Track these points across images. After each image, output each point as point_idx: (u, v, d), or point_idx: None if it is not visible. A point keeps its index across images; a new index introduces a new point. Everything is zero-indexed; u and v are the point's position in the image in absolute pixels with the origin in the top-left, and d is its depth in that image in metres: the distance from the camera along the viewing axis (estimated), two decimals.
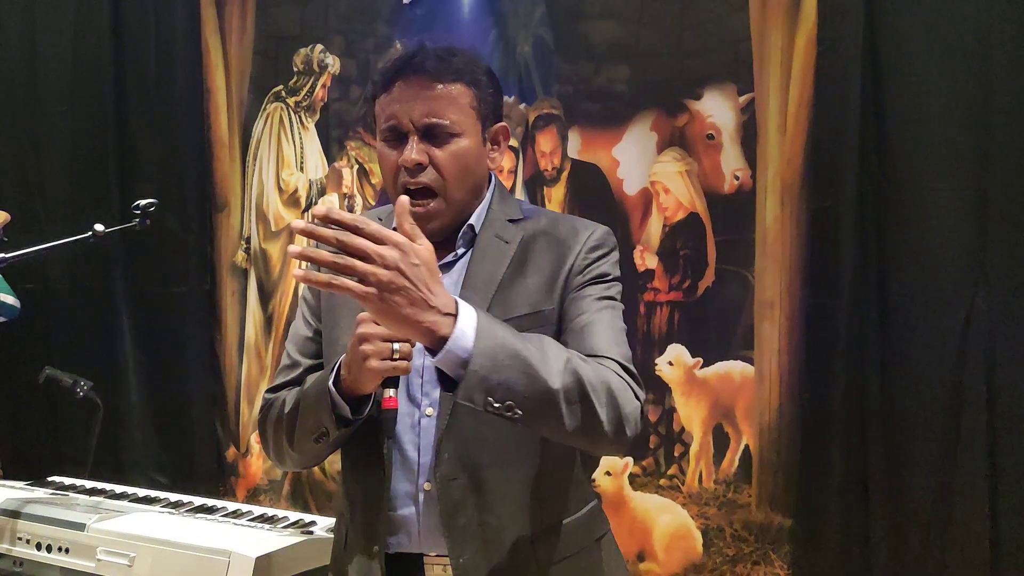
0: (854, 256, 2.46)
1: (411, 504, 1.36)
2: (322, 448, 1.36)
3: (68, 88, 3.56)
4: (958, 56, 2.34)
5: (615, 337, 1.34)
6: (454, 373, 1.14)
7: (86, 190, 3.52)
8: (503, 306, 1.35)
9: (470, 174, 1.38)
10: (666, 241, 2.75)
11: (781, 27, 2.57)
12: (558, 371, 1.18)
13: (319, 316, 1.46)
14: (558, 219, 1.47)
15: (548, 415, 1.19)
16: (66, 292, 3.58)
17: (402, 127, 1.34)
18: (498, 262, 1.38)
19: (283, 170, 3.36)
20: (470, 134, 1.36)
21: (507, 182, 2.95)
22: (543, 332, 1.30)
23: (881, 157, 2.43)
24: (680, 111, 2.71)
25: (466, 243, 1.41)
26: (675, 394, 2.75)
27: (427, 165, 1.34)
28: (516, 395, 1.15)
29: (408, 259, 1.09)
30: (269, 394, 1.47)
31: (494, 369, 1.13)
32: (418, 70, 1.33)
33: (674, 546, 2.76)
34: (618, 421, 1.23)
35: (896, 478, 2.43)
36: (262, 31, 3.36)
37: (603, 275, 1.40)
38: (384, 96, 1.36)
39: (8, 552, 2.07)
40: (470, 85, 1.36)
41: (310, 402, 1.34)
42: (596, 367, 1.24)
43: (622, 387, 1.25)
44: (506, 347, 1.15)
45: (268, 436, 1.46)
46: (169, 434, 3.46)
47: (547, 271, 1.38)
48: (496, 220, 1.42)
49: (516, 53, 2.93)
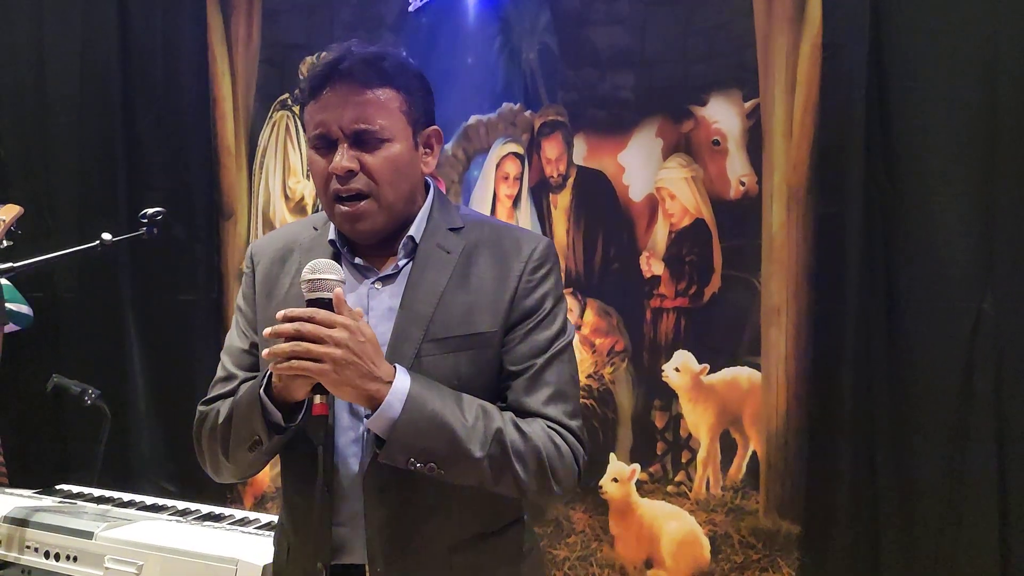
0: (860, 262, 2.45)
1: (352, 521, 1.36)
2: (256, 457, 1.36)
3: (76, 98, 3.57)
4: (964, 62, 2.33)
5: (560, 392, 1.37)
6: (383, 435, 1.26)
7: (94, 199, 3.53)
8: (444, 322, 1.35)
9: (403, 178, 1.37)
10: (672, 247, 2.75)
11: (786, 33, 2.57)
12: (483, 441, 1.28)
13: (255, 328, 1.46)
14: (500, 230, 1.46)
15: (470, 476, 1.30)
16: (74, 301, 3.59)
17: (331, 134, 1.33)
18: (440, 273, 1.38)
19: (289, 178, 3.37)
20: (401, 139, 1.35)
21: (513, 189, 2.96)
22: (483, 353, 1.36)
23: (887, 163, 2.43)
24: (686, 117, 2.71)
25: (407, 253, 1.40)
26: (682, 400, 2.75)
27: (358, 171, 1.33)
28: (437, 458, 1.27)
29: (355, 338, 1.22)
30: (203, 406, 1.47)
31: (417, 436, 1.25)
32: (346, 76, 1.33)
33: (682, 553, 2.75)
34: (544, 483, 1.32)
35: (904, 485, 2.42)
36: (268, 40, 3.37)
37: (545, 300, 1.39)
38: (312, 103, 1.35)
39: (16, 560, 2.08)
40: (399, 90, 1.35)
41: (243, 411, 1.34)
42: (531, 433, 1.31)
43: (555, 453, 1.32)
44: (433, 417, 1.26)
45: (204, 447, 1.46)
46: (176, 442, 3.46)
47: (490, 291, 1.38)
48: (437, 229, 1.41)
49: (522, 60, 2.93)
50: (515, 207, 2.95)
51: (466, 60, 3.01)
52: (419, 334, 1.34)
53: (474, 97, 2.99)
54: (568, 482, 1.35)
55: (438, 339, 1.34)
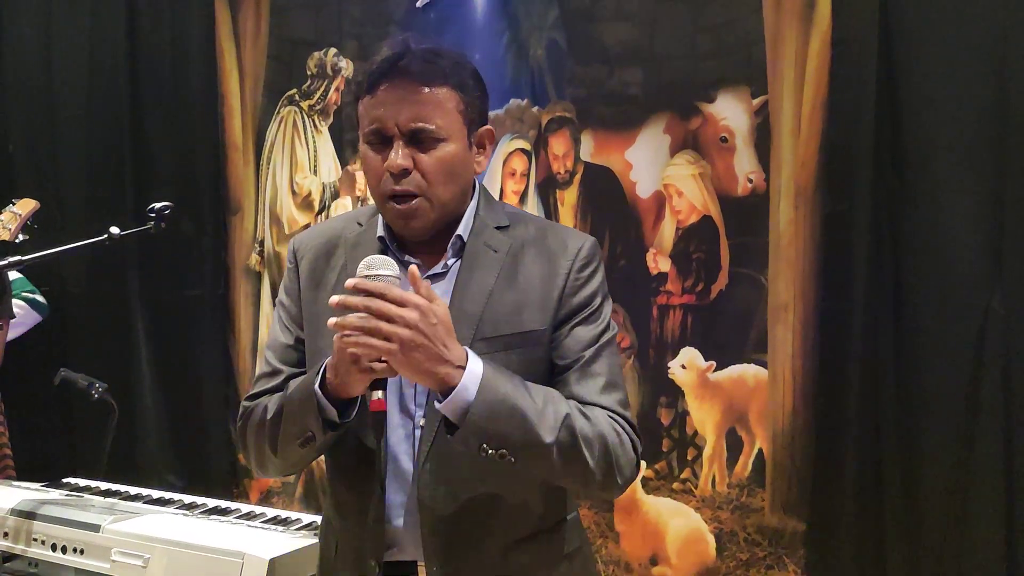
0: (868, 259, 2.45)
1: (403, 515, 1.36)
2: (307, 453, 1.36)
3: (84, 93, 3.58)
4: (974, 58, 2.32)
5: (611, 383, 1.37)
6: (456, 419, 1.23)
7: (102, 194, 3.54)
8: (493, 321, 1.35)
9: (456, 179, 1.36)
10: (679, 244, 2.74)
11: (795, 29, 2.56)
12: (553, 426, 1.26)
13: (300, 324, 1.45)
14: (546, 228, 1.46)
15: (540, 464, 1.28)
16: (82, 295, 3.61)
17: (387, 131, 1.32)
18: (488, 272, 1.38)
19: (297, 173, 3.37)
20: (456, 139, 1.34)
21: (519, 185, 2.96)
22: (533, 351, 1.36)
23: (896, 160, 2.42)
24: (694, 114, 2.71)
25: (455, 252, 1.40)
26: (688, 397, 2.74)
27: (412, 170, 1.32)
28: (509, 444, 1.25)
29: (427, 319, 1.19)
30: (248, 402, 1.46)
31: (491, 420, 1.23)
32: (404, 73, 1.31)
33: (687, 550, 2.75)
34: (609, 471, 1.31)
35: (911, 483, 2.42)
36: (276, 36, 3.38)
37: (593, 298, 1.40)
38: (368, 98, 1.34)
39: (23, 553, 2.08)
40: (456, 89, 1.34)
41: (295, 407, 1.33)
42: (595, 420, 1.31)
43: (617, 441, 1.32)
44: (506, 401, 1.24)
45: (249, 443, 1.45)
46: (183, 436, 3.47)
47: (538, 289, 1.38)
48: (484, 228, 1.41)
49: (529, 56, 2.93)
50: (522, 203, 2.94)
51: (473, 56, 2.99)
52: (469, 333, 1.34)
53: None
54: (629, 472, 1.33)
55: (488, 338, 1.34)
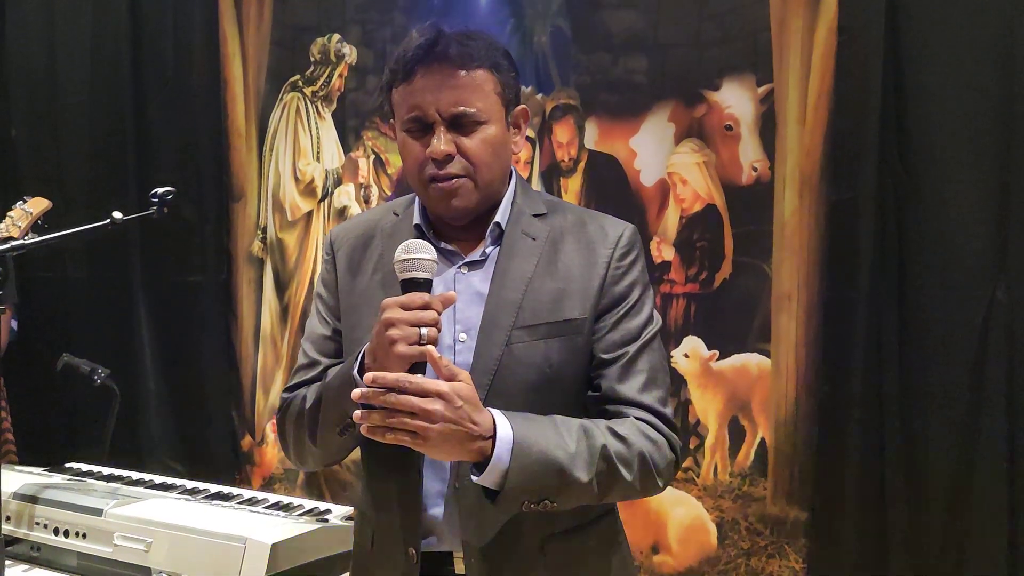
0: (873, 249, 2.44)
1: (441, 504, 1.36)
2: (346, 441, 1.35)
3: (87, 78, 3.57)
4: (981, 47, 2.31)
5: (652, 379, 1.37)
6: (495, 486, 1.24)
7: (104, 180, 3.54)
8: (533, 309, 1.35)
9: (498, 160, 1.37)
10: (683, 233, 2.74)
11: (801, 17, 2.54)
12: (589, 463, 1.26)
13: (338, 316, 1.45)
14: (584, 216, 1.45)
15: (581, 498, 1.30)
16: (84, 280, 3.61)
17: (427, 118, 1.32)
18: (527, 260, 1.38)
19: (300, 160, 3.36)
20: (496, 120, 1.35)
21: (523, 172, 2.94)
22: (573, 340, 1.35)
23: (902, 149, 2.41)
24: (698, 102, 2.70)
25: (494, 240, 1.40)
26: (691, 386, 2.74)
27: (455, 155, 1.32)
28: (550, 494, 1.26)
29: (452, 406, 1.18)
30: (287, 393, 1.46)
31: (529, 480, 1.24)
32: (440, 58, 1.31)
33: (688, 539, 2.75)
34: (648, 478, 1.32)
35: (914, 472, 2.41)
36: (279, 21, 3.36)
37: (634, 287, 1.39)
38: (404, 86, 1.33)
39: (26, 537, 2.09)
40: (492, 70, 1.34)
41: (333, 393, 1.33)
42: (630, 437, 1.31)
43: (653, 449, 1.33)
44: (541, 458, 1.24)
45: (288, 434, 1.44)
46: (185, 422, 3.48)
47: (578, 277, 1.38)
48: (522, 215, 1.41)
49: (533, 43, 2.92)
50: None
51: None
52: (509, 321, 1.34)
53: None
54: (668, 473, 1.36)
55: (528, 326, 1.34)
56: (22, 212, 2.75)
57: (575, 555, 1.41)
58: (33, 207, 2.75)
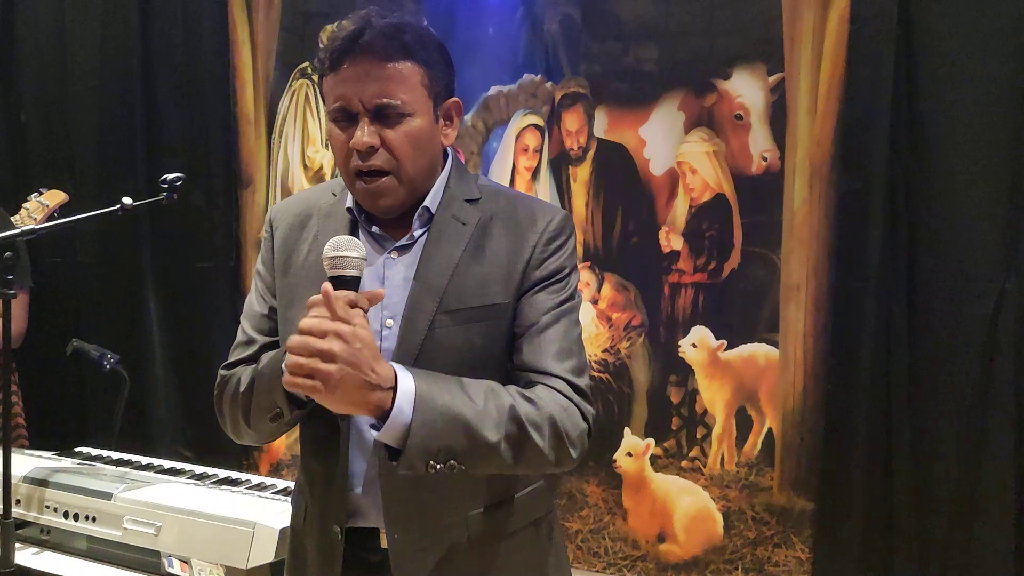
0: (883, 239, 2.43)
1: (365, 483, 1.37)
2: (279, 427, 1.37)
3: (96, 65, 3.57)
4: (993, 37, 2.30)
5: (566, 349, 1.35)
6: (398, 444, 1.21)
7: (114, 166, 3.54)
8: (458, 294, 1.35)
9: (423, 153, 1.36)
10: (692, 222, 2.73)
11: (813, 6, 2.53)
12: (497, 422, 1.24)
13: (274, 293, 1.46)
14: (516, 201, 1.45)
15: (491, 462, 1.27)
16: (94, 266, 3.62)
17: (352, 108, 1.32)
18: (455, 245, 1.37)
19: (308, 147, 3.36)
20: (422, 113, 1.34)
21: (532, 161, 2.94)
22: (496, 325, 1.35)
23: (913, 139, 2.40)
24: (709, 91, 2.69)
25: (422, 224, 1.39)
26: (698, 376, 2.74)
27: (379, 147, 1.32)
28: (456, 454, 1.23)
29: (350, 347, 1.16)
30: (224, 370, 1.47)
31: (433, 436, 1.21)
32: (366, 49, 1.30)
33: (695, 528, 2.76)
34: (560, 447, 1.29)
35: (921, 463, 2.41)
36: (289, 8, 3.36)
37: (559, 272, 1.39)
38: (332, 76, 1.33)
39: (36, 520, 2.11)
40: (420, 63, 1.33)
41: (265, 383, 1.34)
42: (540, 401, 1.29)
43: (564, 415, 1.30)
44: (444, 413, 1.21)
45: (225, 412, 1.46)
46: (194, 408, 3.49)
47: (504, 261, 1.37)
48: (453, 200, 1.40)
49: (543, 31, 2.90)
50: (534, 179, 2.93)
51: (487, 30, 2.98)
52: (433, 305, 1.34)
53: (495, 68, 2.97)
54: (580, 443, 1.33)
55: (452, 311, 1.34)
56: (38, 204, 2.76)
57: (500, 529, 1.41)
58: (50, 199, 2.77)
